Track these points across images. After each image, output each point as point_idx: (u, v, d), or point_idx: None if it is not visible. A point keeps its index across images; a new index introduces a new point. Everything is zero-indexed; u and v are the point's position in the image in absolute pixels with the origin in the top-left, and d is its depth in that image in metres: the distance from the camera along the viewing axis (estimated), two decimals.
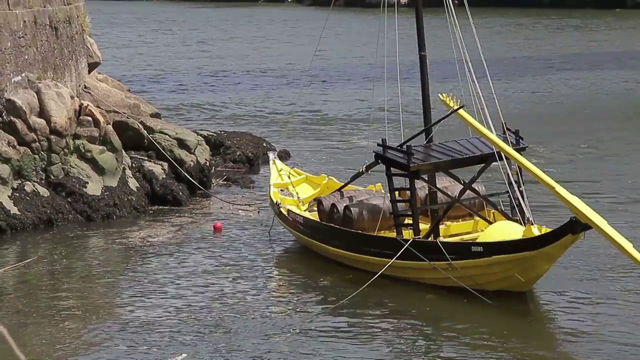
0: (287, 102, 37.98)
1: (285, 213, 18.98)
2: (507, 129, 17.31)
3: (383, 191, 18.68)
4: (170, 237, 20.00)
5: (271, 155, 21.67)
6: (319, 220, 18.25)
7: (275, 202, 19.49)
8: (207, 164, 23.97)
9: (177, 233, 20.29)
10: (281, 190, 20.18)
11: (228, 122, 33.84)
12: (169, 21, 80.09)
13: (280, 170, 20.88)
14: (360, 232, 17.35)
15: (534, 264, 15.53)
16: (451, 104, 17.31)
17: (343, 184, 19.24)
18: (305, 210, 19.13)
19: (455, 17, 16.84)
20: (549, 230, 15.63)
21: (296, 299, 16.39)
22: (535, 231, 15.64)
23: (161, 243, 19.59)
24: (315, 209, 18.69)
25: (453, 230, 17.48)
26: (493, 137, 16.50)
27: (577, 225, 14.85)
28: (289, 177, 20.66)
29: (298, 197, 19.81)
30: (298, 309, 15.79)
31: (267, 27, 73.04)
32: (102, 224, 20.85)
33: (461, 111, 17.12)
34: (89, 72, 25.43)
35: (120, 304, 16.29)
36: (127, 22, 79.29)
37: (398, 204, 16.91)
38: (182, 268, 17.98)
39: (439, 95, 17.61)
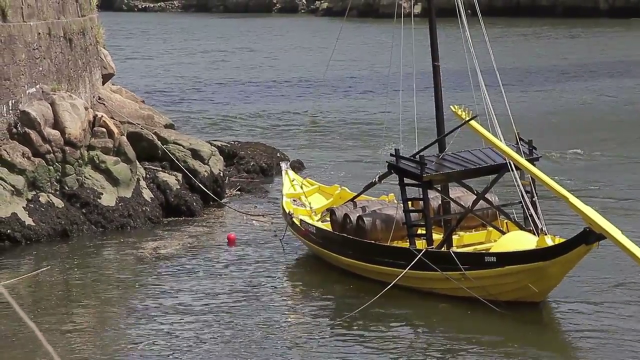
0: (300, 112, 38.03)
1: (297, 223, 19.00)
2: (520, 138, 17.30)
3: (396, 201, 18.68)
4: (184, 247, 20.03)
5: (283, 165, 21.69)
6: (331, 230, 18.26)
7: (287, 212, 19.52)
8: (221, 175, 24.01)
9: (191, 244, 20.32)
10: (294, 200, 20.20)
11: (242, 132, 33.90)
12: (183, 32, 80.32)
13: (292, 181, 20.91)
14: (373, 242, 17.35)
15: (548, 274, 15.48)
16: (463, 116, 17.31)
17: (356, 194, 19.24)
18: (317, 221, 19.14)
19: (467, 27, 16.85)
20: (562, 240, 15.60)
21: (309, 310, 16.37)
22: (549, 241, 15.61)
23: (175, 254, 19.62)
24: (328, 219, 18.70)
25: (466, 241, 17.46)
26: (505, 147, 16.48)
27: (591, 236, 14.81)
28: (302, 187, 20.69)
29: (310, 207, 19.82)
30: (311, 320, 15.78)
31: (280, 38, 73.17)
32: (116, 235, 20.89)
33: (473, 122, 17.12)
34: (103, 83, 25.54)
35: (133, 315, 16.30)
36: (141, 33, 79.56)
37: (411, 214, 16.91)
38: (195, 279, 18.00)
39: (451, 107, 17.62)
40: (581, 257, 15.34)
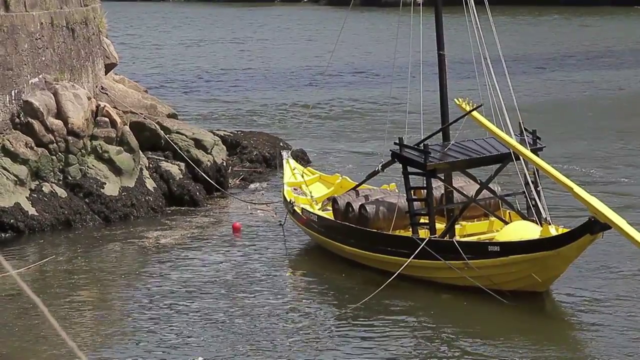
0: (303, 102, 37.98)
1: (299, 212, 18.97)
2: (525, 129, 17.25)
3: (397, 190, 18.66)
4: (187, 237, 20.02)
5: (284, 154, 21.60)
6: (333, 219, 18.23)
7: (289, 201, 19.50)
8: (224, 164, 23.99)
9: (194, 233, 20.31)
10: (294, 189, 20.17)
11: (244, 121, 33.87)
12: (185, 22, 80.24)
13: (293, 169, 20.87)
14: (375, 231, 17.32)
15: (552, 264, 15.46)
16: (467, 108, 17.25)
17: (357, 183, 19.20)
18: (318, 210, 19.11)
19: (475, 14, 16.79)
20: (566, 230, 15.57)
21: (313, 300, 16.36)
22: (553, 231, 15.58)
23: (178, 243, 19.62)
24: (329, 208, 18.67)
25: (468, 230, 17.42)
26: (508, 138, 16.43)
27: (595, 225, 14.77)
28: (303, 176, 20.65)
29: (311, 196, 19.79)
30: (314, 311, 15.77)
31: (283, 27, 73.06)
32: (119, 225, 20.89)
33: (475, 113, 17.06)
34: (106, 73, 25.49)
35: (136, 305, 16.31)
36: (143, 23, 79.48)
37: (414, 203, 16.88)
38: (198, 268, 18.00)
39: (455, 100, 17.57)
40: (585, 247, 15.32)
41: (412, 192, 16.99)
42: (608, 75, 43.73)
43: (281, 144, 27.36)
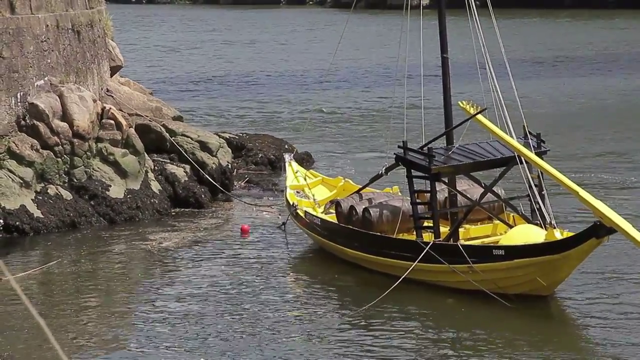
0: (307, 104, 38.02)
1: (302, 215, 18.97)
2: (529, 132, 17.24)
3: (400, 194, 18.65)
4: (192, 239, 20.05)
5: (287, 156, 21.59)
6: (337, 222, 18.22)
7: (291, 203, 19.50)
8: (229, 167, 24.02)
9: (199, 236, 20.33)
10: (297, 192, 20.18)
11: (250, 124, 33.91)
12: (191, 24, 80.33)
13: (296, 172, 20.88)
14: (379, 234, 17.32)
15: (557, 268, 15.45)
16: (471, 111, 17.25)
17: (359, 186, 19.19)
18: (321, 213, 19.11)
19: (477, 18, 16.80)
20: (571, 234, 15.55)
21: (315, 303, 16.36)
22: (558, 235, 15.57)
23: (183, 246, 19.64)
24: (332, 211, 18.66)
25: (472, 234, 17.41)
26: (512, 141, 16.43)
27: (601, 229, 14.75)
28: (305, 179, 20.65)
29: (314, 199, 19.80)
30: (318, 314, 15.76)
31: (288, 30, 73.12)
32: (124, 227, 20.92)
33: (480, 116, 17.06)
34: (111, 75, 25.53)
35: (141, 307, 16.34)
36: (149, 25, 79.58)
37: (418, 206, 16.87)
38: (202, 271, 18.02)
39: (459, 103, 17.57)
40: (591, 251, 15.30)
41: (416, 195, 16.97)
42: (614, 78, 43.66)
43: (286, 147, 27.40)
